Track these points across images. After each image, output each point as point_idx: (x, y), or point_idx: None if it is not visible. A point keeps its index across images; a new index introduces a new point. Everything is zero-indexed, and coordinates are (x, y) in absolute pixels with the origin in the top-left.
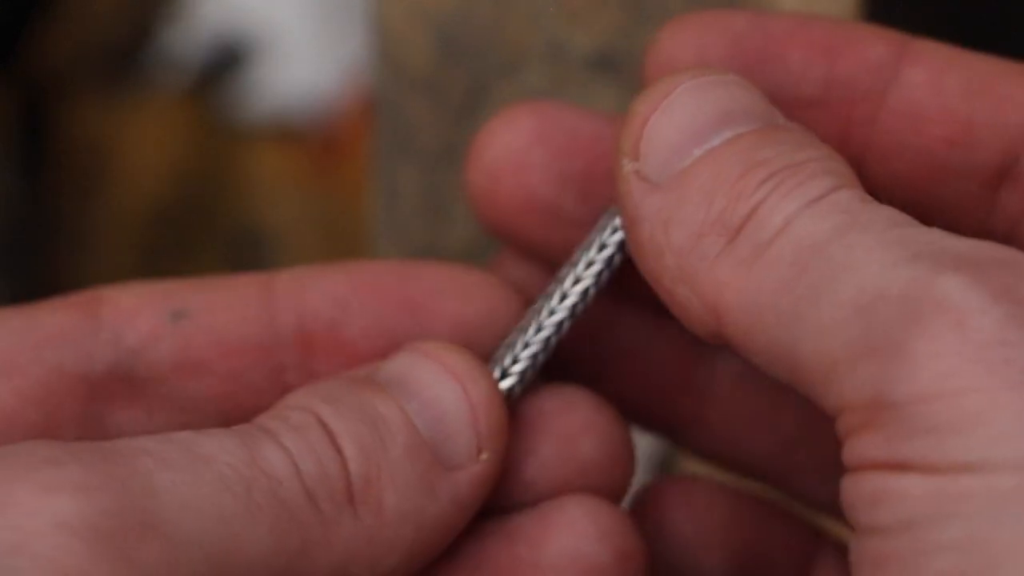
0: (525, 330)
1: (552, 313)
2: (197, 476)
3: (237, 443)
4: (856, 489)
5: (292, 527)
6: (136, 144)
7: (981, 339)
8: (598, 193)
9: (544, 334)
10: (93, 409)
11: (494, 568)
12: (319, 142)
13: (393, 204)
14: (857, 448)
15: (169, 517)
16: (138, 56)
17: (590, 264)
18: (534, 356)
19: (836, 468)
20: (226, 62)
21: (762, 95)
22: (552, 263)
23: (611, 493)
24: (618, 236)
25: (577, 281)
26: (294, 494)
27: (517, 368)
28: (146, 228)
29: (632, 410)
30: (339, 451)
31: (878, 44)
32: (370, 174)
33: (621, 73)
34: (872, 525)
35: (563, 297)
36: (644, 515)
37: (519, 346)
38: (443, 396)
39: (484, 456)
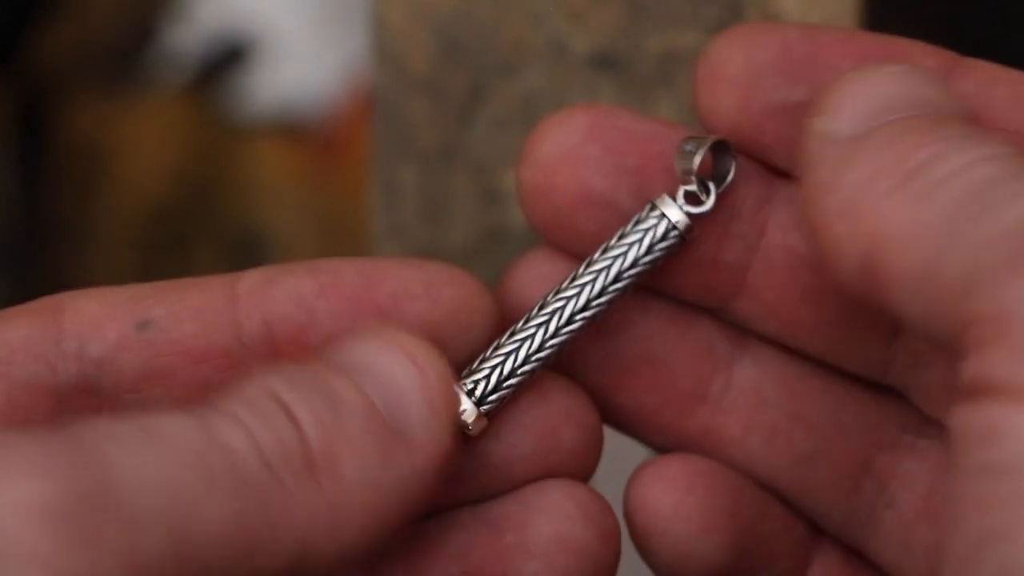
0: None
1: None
2: (155, 454)
3: (194, 421)
4: (968, 421)
5: (253, 500)
6: (136, 143)
7: None
8: (653, 188)
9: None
10: (61, 422)
11: (480, 556)
12: (319, 141)
13: (393, 204)
14: (981, 364)
15: (129, 495)
16: (138, 55)
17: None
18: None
19: (852, 485)
20: (226, 61)
21: (957, 97)
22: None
23: (584, 475)
24: (637, 246)
25: (581, 291)
26: (253, 467)
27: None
28: (146, 227)
29: (644, 420)
30: (296, 423)
31: (928, 58)
32: (370, 174)
33: (621, 73)
34: (984, 464)
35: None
36: (643, 495)
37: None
38: (396, 372)
39: (440, 427)
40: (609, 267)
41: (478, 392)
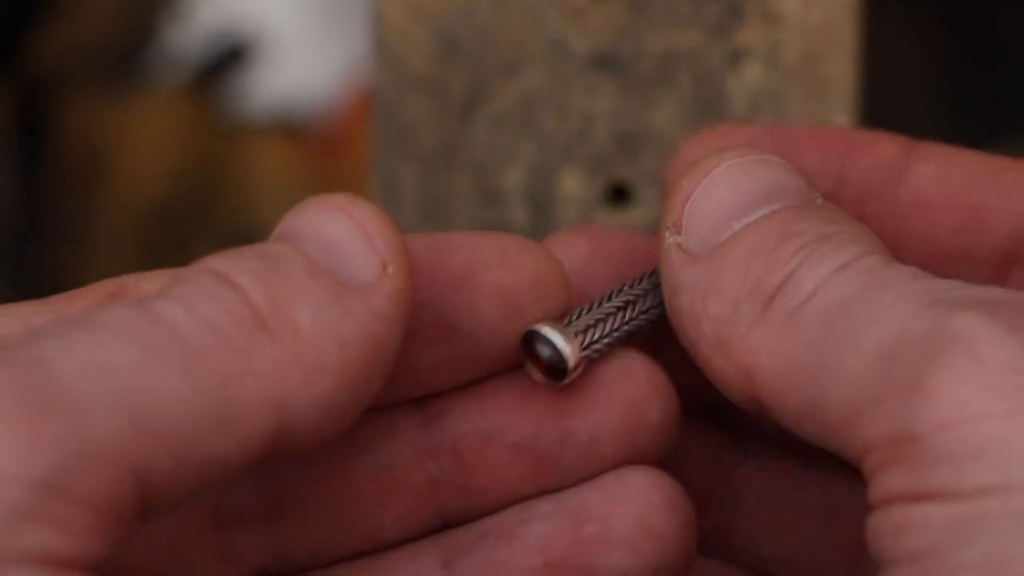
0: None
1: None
2: (88, 339)
3: (131, 307)
4: (882, 524)
5: (205, 363)
6: (136, 143)
7: (995, 368)
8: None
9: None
10: None
11: (563, 547)
12: (319, 141)
13: (393, 204)
14: (882, 484)
15: (67, 383)
16: (138, 55)
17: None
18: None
19: (854, 563)
20: (226, 60)
21: (801, 175)
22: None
23: (663, 456)
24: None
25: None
26: (196, 332)
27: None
28: (145, 226)
29: None
30: (234, 285)
31: (888, 145)
32: (369, 173)
33: (621, 73)
34: (898, 555)
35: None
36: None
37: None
38: (330, 225)
39: (391, 270)
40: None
41: (585, 340)
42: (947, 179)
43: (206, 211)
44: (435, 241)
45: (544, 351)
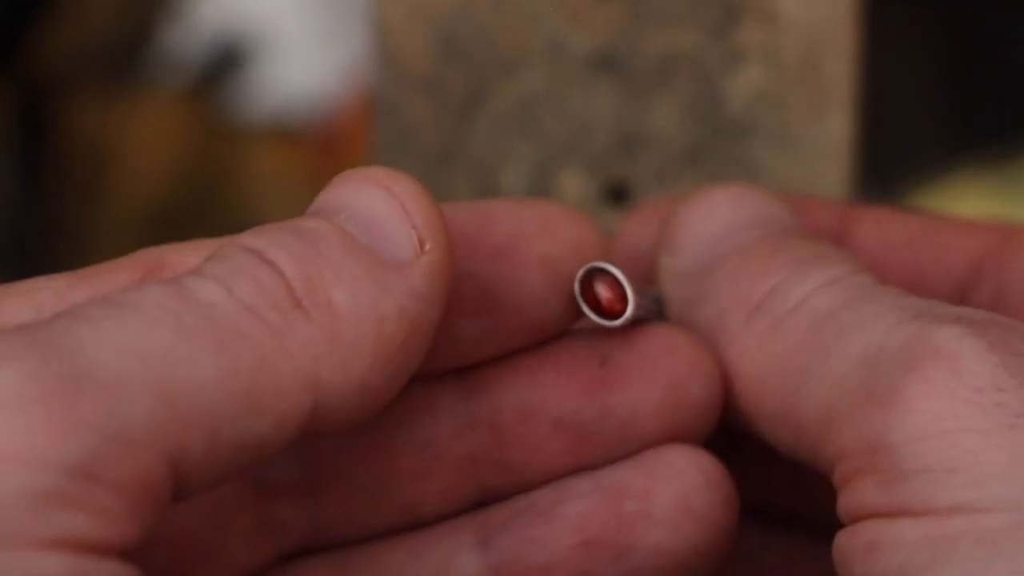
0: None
1: None
2: (123, 321)
3: (164, 287)
4: (851, 542)
5: (240, 344)
6: (136, 144)
7: (975, 383)
8: None
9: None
10: None
11: (601, 525)
12: (319, 142)
13: None
14: (853, 497)
15: (102, 365)
16: (138, 56)
17: None
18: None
19: None
20: (226, 62)
21: (792, 209)
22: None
23: (704, 436)
24: None
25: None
26: (232, 312)
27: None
28: (146, 227)
29: None
30: (270, 263)
31: (825, 211)
32: None
33: (621, 73)
34: (868, 575)
35: None
36: None
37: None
38: (368, 201)
39: (428, 247)
40: None
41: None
42: (886, 240)
43: (206, 211)
44: (478, 211)
45: (603, 290)
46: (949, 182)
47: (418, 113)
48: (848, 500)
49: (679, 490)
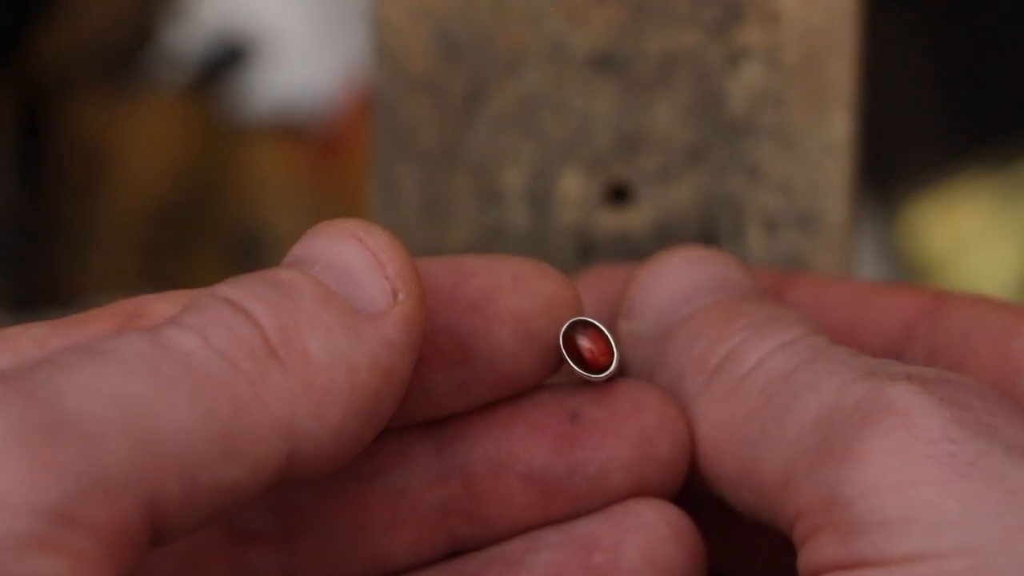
0: None
1: None
2: (100, 369)
3: (142, 335)
4: None
5: (215, 392)
6: (136, 143)
7: (928, 436)
8: None
9: None
10: None
11: None
12: (319, 141)
13: (393, 204)
14: (813, 553)
15: (79, 411)
16: (138, 55)
17: None
18: None
19: None
20: (226, 61)
21: (748, 272)
22: None
23: (671, 492)
24: None
25: None
26: (208, 361)
27: None
28: (146, 227)
29: None
30: (246, 313)
31: (762, 275)
32: (370, 174)
33: (621, 73)
34: None
35: None
36: None
37: None
38: (342, 252)
39: (402, 297)
40: None
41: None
42: (821, 302)
43: (206, 212)
44: (453, 265)
45: (587, 344)
46: (949, 182)
47: (418, 113)
48: (808, 556)
49: (647, 543)
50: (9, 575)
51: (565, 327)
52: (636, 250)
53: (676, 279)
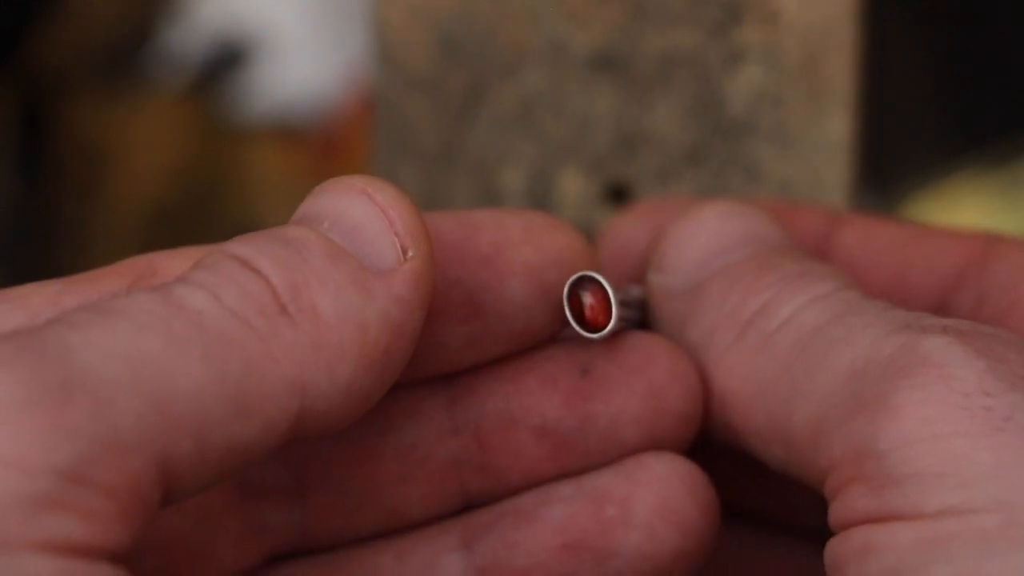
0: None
1: None
2: (111, 328)
3: (152, 294)
4: (844, 547)
5: (227, 350)
6: (136, 144)
7: (963, 389)
8: None
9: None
10: None
11: (582, 528)
12: (319, 142)
13: None
14: (845, 504)
15: (90, 371)
16: (138, 56)
17: None
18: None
19: None
20: (226, 62)
21: (780, 225)
22: None
23: (684, 444)
24: None
25: None
26: (219, 319)
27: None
28: (146, 227)
29: None
30: (256, 271)
31: (812, 217)
32: (370, 174)
33: (621, 73)
34: None
35: None
36: None
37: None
38: (351, 208)
39: (411, 254)
40: None
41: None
42: (872, 244)
43: (206, 212)
44: (463, 220)
45: (588, 300)
46: (949, 182)
47: (418, 113)
48: (840, 509)
49: (658, 496)
50: (22, 535)
51: (570, 282)
52: None
53: (708, 233)
